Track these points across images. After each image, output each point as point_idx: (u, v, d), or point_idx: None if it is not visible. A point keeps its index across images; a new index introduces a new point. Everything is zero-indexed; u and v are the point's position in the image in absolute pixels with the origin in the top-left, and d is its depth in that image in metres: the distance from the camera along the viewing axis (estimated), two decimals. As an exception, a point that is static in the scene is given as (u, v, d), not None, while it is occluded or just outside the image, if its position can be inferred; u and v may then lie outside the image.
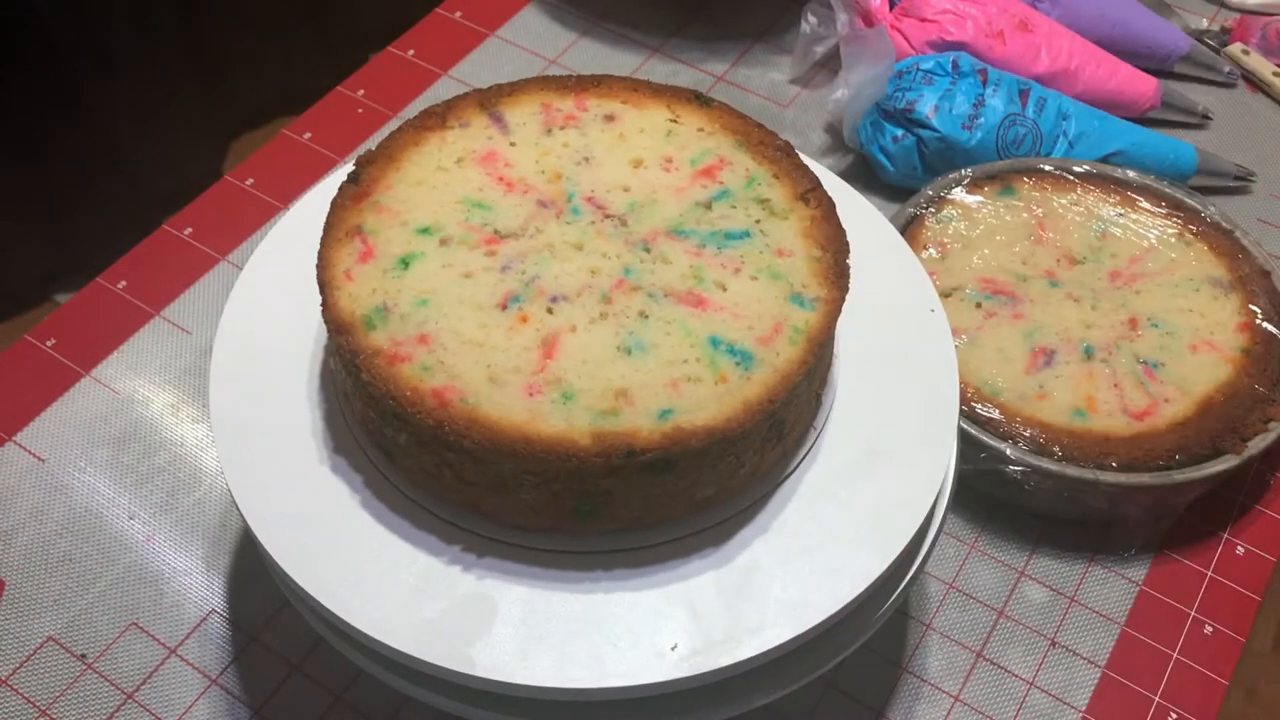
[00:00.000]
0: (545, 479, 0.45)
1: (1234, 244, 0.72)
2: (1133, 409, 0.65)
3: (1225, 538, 0.67)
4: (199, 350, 0.72)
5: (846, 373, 0.53)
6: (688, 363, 0.46)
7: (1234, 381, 0.66)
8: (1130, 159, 0.80)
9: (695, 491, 0.47)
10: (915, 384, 0.53)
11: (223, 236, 0.78)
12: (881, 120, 0.80)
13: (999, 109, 0.78)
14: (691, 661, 0.44)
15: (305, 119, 0.85)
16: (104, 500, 0.66)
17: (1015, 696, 0.61)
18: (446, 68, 0.90)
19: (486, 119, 0.55)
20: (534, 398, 0.45)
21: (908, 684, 0.61)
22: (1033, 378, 0.66)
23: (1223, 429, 0.64)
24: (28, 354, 0.72)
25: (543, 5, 0.94)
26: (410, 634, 0.45)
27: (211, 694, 0.59)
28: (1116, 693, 0.61)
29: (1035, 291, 0.70)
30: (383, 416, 0.46)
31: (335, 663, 0.60)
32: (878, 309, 0.54)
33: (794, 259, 0.50)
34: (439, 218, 0.51)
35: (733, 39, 0.93)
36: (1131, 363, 0.67)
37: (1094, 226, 0.74)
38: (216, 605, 0.62)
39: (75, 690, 0.59)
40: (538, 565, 0.47)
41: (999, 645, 0.62)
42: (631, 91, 0.56)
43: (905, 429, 0.51)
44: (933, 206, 0.74)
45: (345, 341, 0.46)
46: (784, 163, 0.54)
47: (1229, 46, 0.93)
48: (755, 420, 0.45)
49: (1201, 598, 0.64)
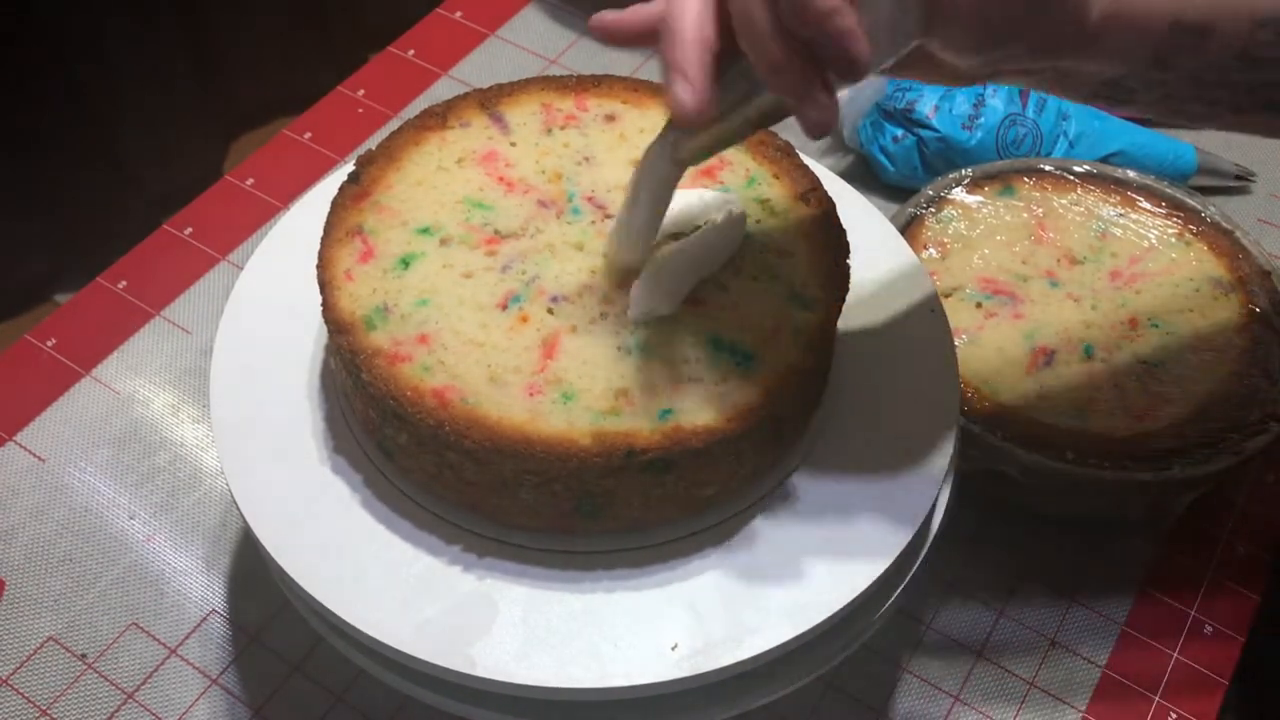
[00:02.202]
0: (546, 479, 0.45)
1: (1234, 244, 0.72)
2: (1133, 409, 0.65)
3: (1225, 538, 0.67)
4: (199, 350, 0.72)
5: (846, 373, 0.53)
6: (688, 363, 0.46)
7: (1234, 381, 0.66)
8: (1130, 159, 0.80)
9: (696, 491, 0.47)
10: (915, 384, 0.53)
11: (223, 236, 0.78)
12: (881, 120, 0.80)
13: (999, 109, 0.78)
14: (692, 661, 0.44)
15: (305, 119, 0.85)
16: (104, 500, 0.66)
17: (1015, 696, 0.61)
18: (446, 68, 0.90)
19: (487, 119, 0.55)
20: (534, 398, 0.45)
21: (908, 684, 0.61)
22: (1033, 378, 0.66)
23: (1222, 429, 0.64)
24: (28, 354, 0.72)
25: (543, 5, 0.94)
26: (410, 634, 0.45)
27: (211, 694, 0.59)
28: (1116, 693, 0.61)
29: (1035, 291, 0.70)
30: (383, 416, 0.46)
31: (335, 663, 0.60)
32: (878, 309, 0.54)
33: (794, 259, 0.50)
34: (439, 218, 0.51)
35: (733, 39, 0.93)
36: (1132, 362, 0.67)
37: (1094, 226, 0.74)
38: (216, 605, 0.62)
39: (75, 690, 0.59)
40: (538, 565, 0.47)
41: (999, 645, 0.62)
42: (632, 91, 0.56)
43: (905, 429, 0.51)
44: (933, 206, 0.74)
45: (345, 341, 0.46)
46: (784, 163, 0.54)
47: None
48: (755, 420, 0.45)
49: (1201, 598, 0.64)
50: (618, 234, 0.48)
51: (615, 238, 0.48)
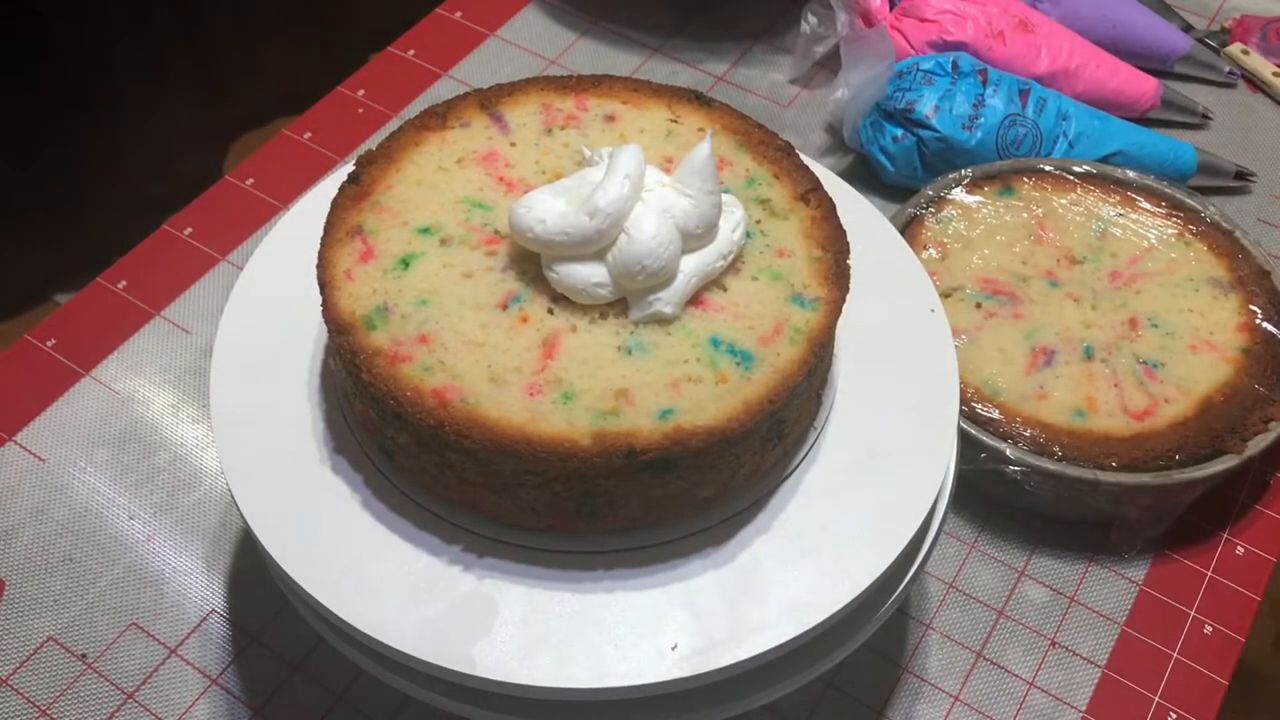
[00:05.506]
0: (546, 479, 0.45)
1: (1234, 244, 0.72)
2: (1133, 409, 0.65)
3: (1225, 538, 0.67)
4: (199, 350, 0.72)
5: (846, 373, 0.53)
6: (688, 363, 0.46)
7: (1234, 381, 0.66)
8: (1130, 159, 0.80)
9: (696, 491, 0.47)
10: (915, 384, 0.53)
11: (223, 236, 0.78)
12: (881, 120, 0.80)
13: (999, 109, 0.78)
14: (692, 661, 0.44)
15: (305, 119, 0.85)
16: (104, 500, 0.66)
17: (1015, 696, 0.61)
18: (446, 68, 0.90)
19: (487, 119, 0.55)
20: (534, 398, 0.45)
21: (908, 684, 0.61)
22: (1033, 378, 0.66)
23: (1223, 429, 0.64)
24: (28, 354, 0.72)
25: (543, 5, 0.94)
26: (410, 634, 0.45)
27: (211, 694, 0.59)
28: (1116, 693, 0.61)
29: (1035, 291, 0.70)
30: (383, 416, 0.46)
31: (335, 663, 0.60)
32: (878, 309, 0.54)
33: (794, 259, 0.50)
34: (439, 218, 0.51)
35: (733, 39, 0.93)
36: (1131, 363, 0.67)
37: (1094, 226, 0.74)
38: (216, 605, 0.62)
39: (75, 690, 0.59)
40: (538, 565, 0.47)
41: (999, 645, 0.62)
42: (632, 91, 0.56)
43: (905, 429, 0.51)
44: (933, 206, 0.74)
45: (345, 341, 0.46)
46: (784, 163, 0.54)
47: (1229, 46, 0.93)
48: (756, 420, 0.45)
49: (1201, 598, 0.64)
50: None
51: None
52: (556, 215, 0.47)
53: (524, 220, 0.47)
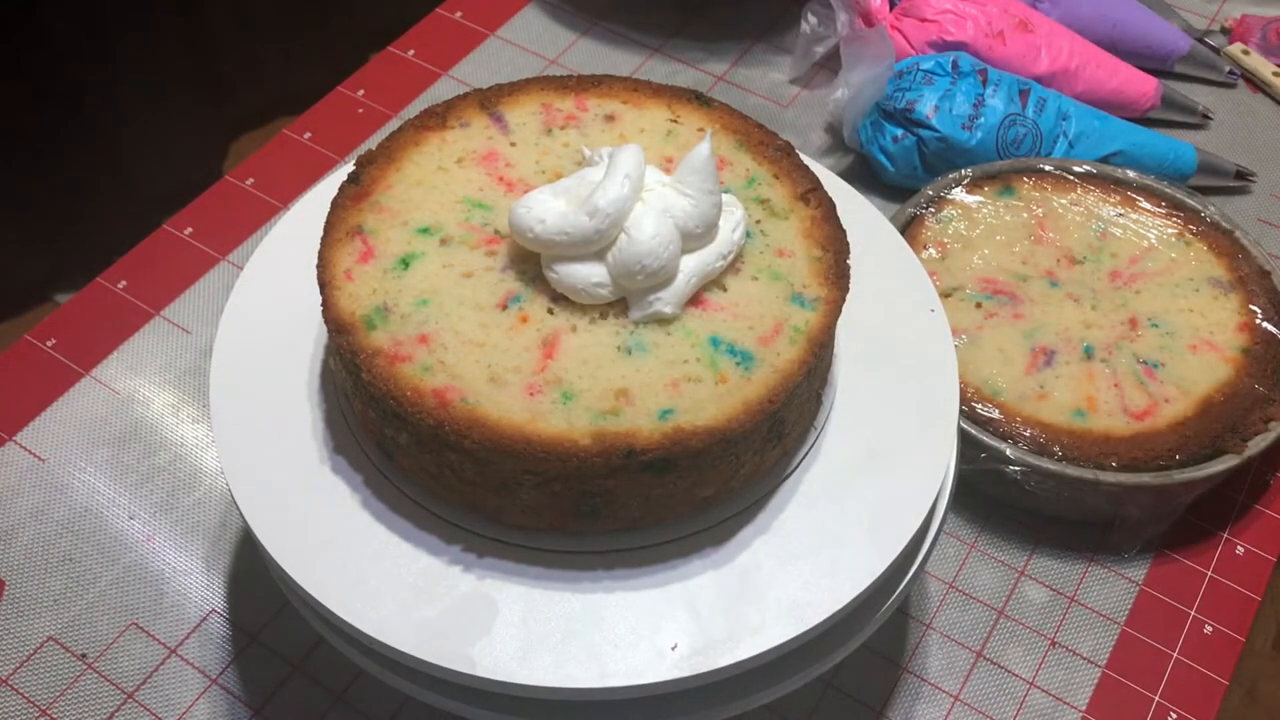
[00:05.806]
0: (545, 479, 0.45)
1: (1234, 244, 0.72)
2: (1133, 409, 0.65)
3: (1225, 538, 0.67)
4: (199, 350, 0.72)
5: (846, 373, 0.53)
6: (688, 363, 0.46)
7: (1234, 381, 0.66)
8: (1130, 159, 0.80)
9: (695, 491, 0.47)
10: (915, 384, 0.53)
11: (223, 236, 0.78)
12: (881, 120, 0.80)
13: (999, 109, 0.78)
14: (692, 661, 0.44)
15: (305, 119, 0.85)
16: (104, 500, 0.66)
17: (1015, 696, 0.61)
18: (446, 68, 0.90)
19: (487, 119, 0.55)
20: (534, 398, 0.45)
21: (908, 684, 0.61)
22: (1033, 378, 0.66)
23: (1223, 429, 0.64)
24: (28, 354, 0.72)
25: (543, 5, 0.94)
26: (410, 634, 0.45)
27: (211, 694, 0.59)
28: (1116, 693, 0.61)
29: (1035, 291, 0.70)
30: (383, 416, 0.46)
31: (335, 663, 0.60)
32: (878, 309, 0.54)
33: (794, 259, 0.50)
34: (439, 218, 0.51)
35: (733, 39, 0.93)
36: (1131, 363, 0.67)
37: (1094, 226, 0.74)
38: (216, 605, 0.62)
39: (75, 690, 0.59)
40: (538, 565, 0.47)
41: (999, 645, 0.62)
42: (632, 91, 0.56)
43: (905, 429, 0.51)
44: (933, 206, 0.74)
45: (345, 341, 0.46)
46: (784, 163, 0.54)
47: (1229, 46, 0.93)
48: (755, 420, 0.45)
49: (1201, 598, 0.64)
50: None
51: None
52: (556, 215, 0.47)
53: (524, 220, 0.47)
